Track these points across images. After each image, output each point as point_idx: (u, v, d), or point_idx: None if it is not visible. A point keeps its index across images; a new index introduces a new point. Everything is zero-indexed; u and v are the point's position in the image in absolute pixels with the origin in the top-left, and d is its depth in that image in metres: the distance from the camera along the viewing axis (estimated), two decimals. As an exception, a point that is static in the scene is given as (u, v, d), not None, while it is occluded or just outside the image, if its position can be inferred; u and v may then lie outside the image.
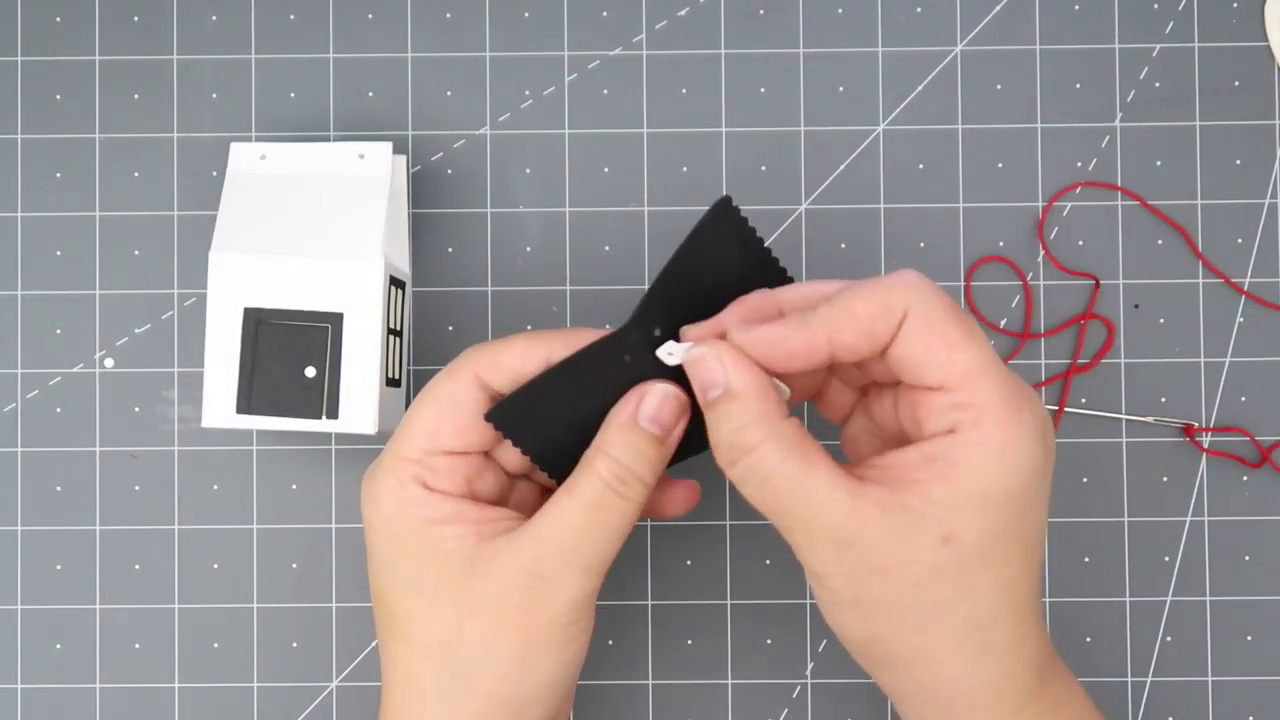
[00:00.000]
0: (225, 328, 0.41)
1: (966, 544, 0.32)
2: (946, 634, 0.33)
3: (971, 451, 0.32)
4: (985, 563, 0.32)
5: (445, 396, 0.36)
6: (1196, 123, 0.47)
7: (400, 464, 0.35)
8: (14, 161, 0.47)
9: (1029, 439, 0.32)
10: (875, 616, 0.34)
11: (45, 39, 0.47)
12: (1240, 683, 0.46)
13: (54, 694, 0.46)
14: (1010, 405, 0.32)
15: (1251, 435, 0.46)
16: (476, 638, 0.35)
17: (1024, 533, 0.33)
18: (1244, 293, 0.46)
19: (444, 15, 0.47)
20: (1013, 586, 0.33)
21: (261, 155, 0.43)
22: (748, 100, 0.47)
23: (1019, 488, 0.32)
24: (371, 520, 0.36)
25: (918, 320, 0.32)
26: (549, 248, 0.46)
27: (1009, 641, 0.34)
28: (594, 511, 0.34)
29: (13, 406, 0.46)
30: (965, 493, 0.32)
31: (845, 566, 0.33)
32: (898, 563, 0.32)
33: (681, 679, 0.46)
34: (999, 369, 0.32)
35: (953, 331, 0.32)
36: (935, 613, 0.33)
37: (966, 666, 0.34)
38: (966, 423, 0.32)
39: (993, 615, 0.33)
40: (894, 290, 0.32)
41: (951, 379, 0.32)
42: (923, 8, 0.47)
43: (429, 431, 0.35)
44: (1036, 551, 0.34)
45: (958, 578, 0.32)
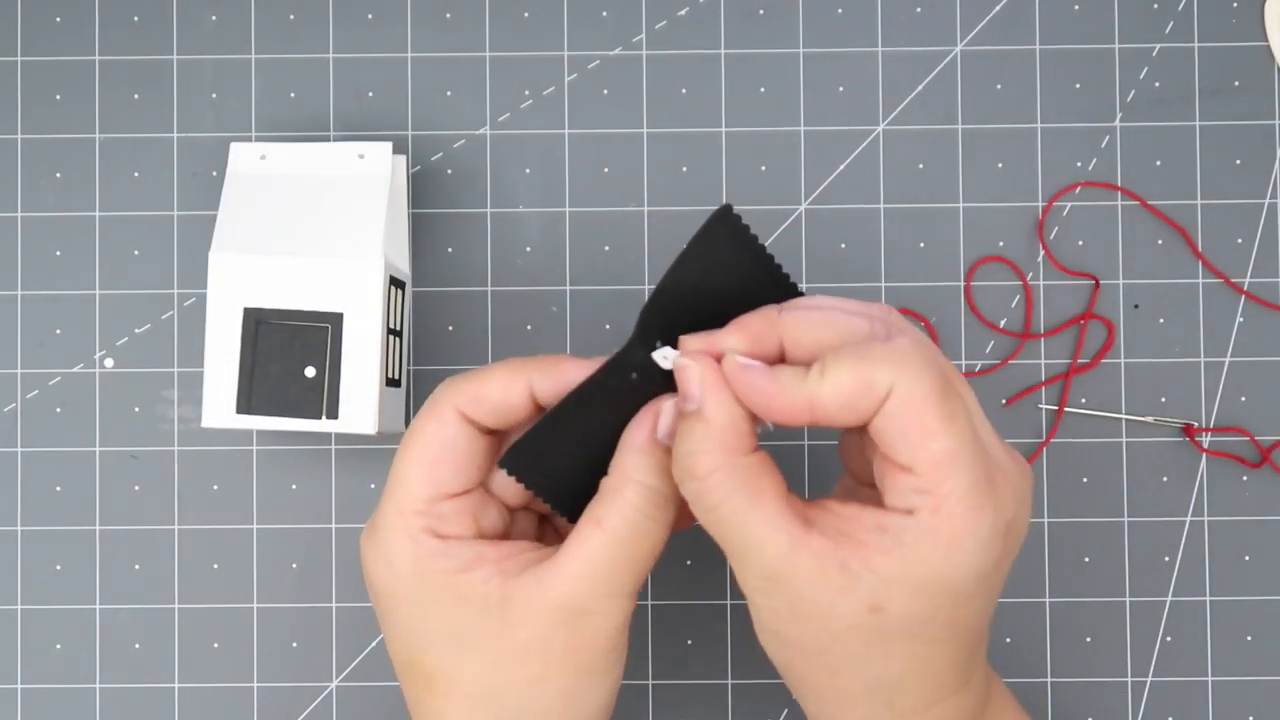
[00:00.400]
0: (225, 328, 0.41)
1: (894, 618, 0.32)
2: (857, 684, 0.33)
3: (921, 538, 0.31)
4: (908, 637, 0.32)
5: (435, 440, 0.35)
6: (1196, 123, 0.47)
7: (407, 519, 0.34)
8: (14, 161, 0.47)
9: (983, 542, 0.31)
10: (793, 652, 0.34)
11: (45, 39, 0.47)
12: (1240, 683, 0.46)
13: (54, 694, 0.46)
14: (971, 503, 0.31)
15: (1251, 435, 0.46)
16: (523, 681, 0.34)
17: (955, 620, 0.32)
18: (1244, 293, 0.46)
19: (444, 15, 0.47)
20: (932, 661, 0.33)
21: (261, 155, 0.43)
22: (748, 100, 0.47)
23: (957, 586, 0.32)
24: (386, 584, 0.35)
25: (899, 400, 0.31)
26: (549, 248, 0.46)
27: (917, 705, 0.34)
28: (628, 541, 0.34)
29: (13, 406, 0.46)
30: (905, 572, 0.31)
31: (770, 604, 0.33)
32: (821, 613, 0.32)
33: (681, 679, 0.46)
34: (972, 459, 0.31)
35: (932, 417, 0.31)
36: (849, 665, 0.33)
37: (870, 714, 0.34)
38: (925, 509, 0.31)
39: (904, 679, 0.33)
40: (881, 366, 0.31)
41: (920, 465, 0.31)
42: (923, 8, 0.47)
43: (428, 479, 0.34)
44: (969, 633, 0.33)
45: (877, 642, 0.32)
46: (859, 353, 0.32)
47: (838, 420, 0.32)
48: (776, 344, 0.33)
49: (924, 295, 0.46)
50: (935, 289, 0.46)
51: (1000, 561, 0.32)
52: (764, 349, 0.33)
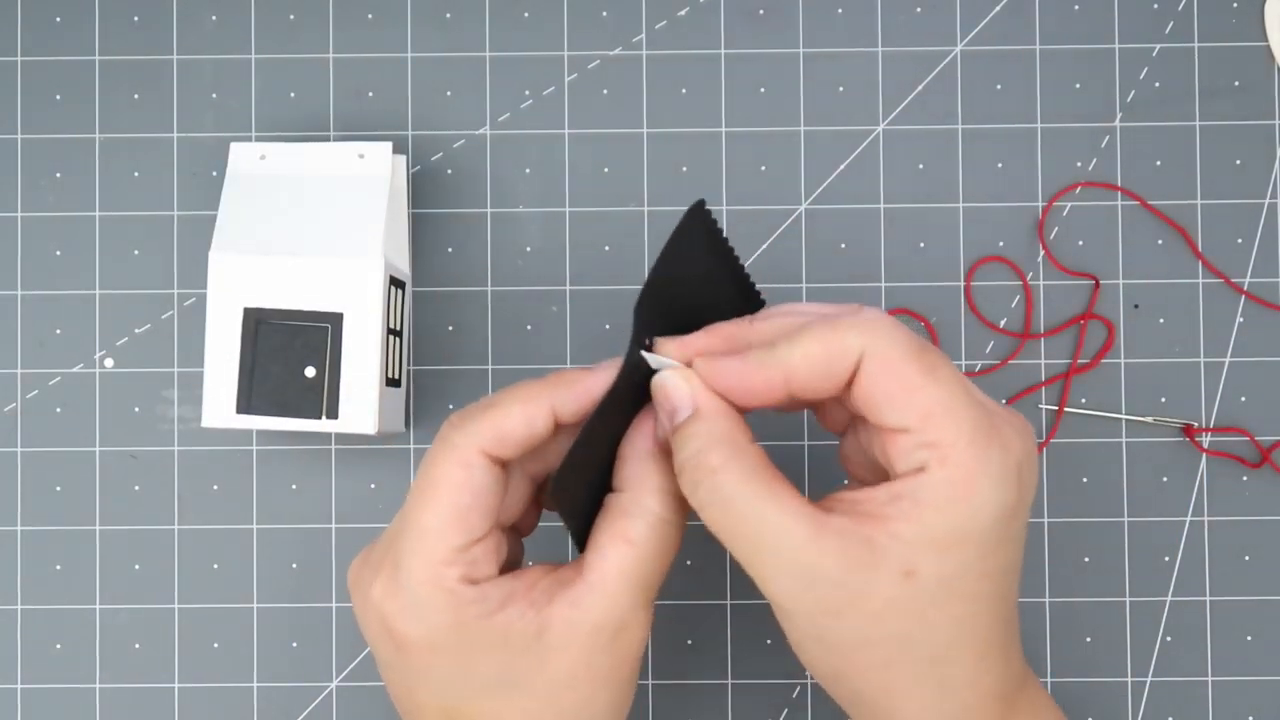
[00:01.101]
0: (225, 328, 0.41)
1: (927, 580, 0.32)
2: (907, 669, 0.33)
3: (937, 491, 0.31)
4: (946, 599, 0.32)
5: (465, 489, 0.33)
6: (1196, 123, 0.47)
7: (438, 570, 0.33)
8: (14, 161, 0.47)
9: (995, 480, 0.31)
10: (838, 653, 0.33)
11: (45, 39, 0.47)
12: (1240, 683, 0.46)
13: (54, 694, 0.46)
14: (977, 445, 0.31)
15: (1251, 435, 0.46)
16: (573, 707, 0.34)
17: (988, 571, 0.32)
18: (1244, 293, 0.46)
19: (444, 15, 0.47)
20: (976, 623, 0.33)
21: (261, 155, 0.43)
22: (748, 100, 0.47)
23: (983, 528, 0.32)
24: (418, 637, 0.33)
25: (875, 363, 0.32)
26: (549, 248, 0.46)
27: (970, 676, 0.33)
28: (657, 552, 0.33)
29: (13, 406, 0.46)
30: (928, 531, 0.31)
31: (805, 601, 0.32)
32: (857, 595, 0.32)
33: (681, 679, 0.46)
34: (968, 405, 0.32)
35: (911, 373, 0.31)
36: (895, 648, 0.33)
37: (927, 700, 0.33)
38: (933, 461, 0.31)
39: (950, 649, 0.33)
40: (850, 331, 0.32)
41: (913, 421, 0.32)
42: (923, 8, 0.47)
43: (460, 529, 0.33)
44: (1004, 585, 0.33)
45: (918, 613, 0.32)
46: (827, 322, 0.32)
47: (813, 389, 0.32)
48: (748, 346, 0.34)
49: (924, 295, 0.46)
50: (935, 289, 0.46)
51: (1020, 501, 0.32)
52: (737, 351, 0.34)
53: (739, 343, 0.34)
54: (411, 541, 0.33)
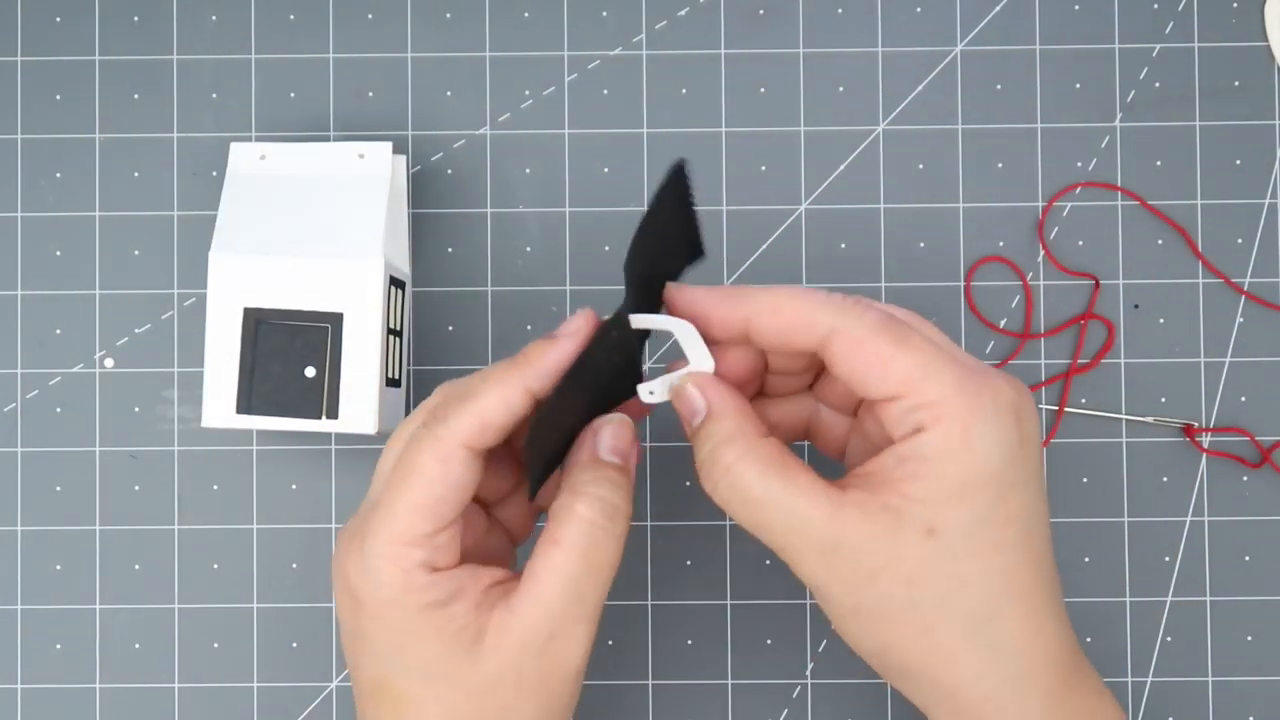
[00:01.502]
0: (225, 328, 0.41)
1: (951, 534, 0.32)
2: (952, 632, 0.33)
3: (938, 444, 0.32)
4: (973, 551, 0.32)
5: (441, 481, 0.33)
6: (1196, 123, 0.47)
7: (401, 550, 0.33)
8: (14, 161, 0.47)
9: (992, 422, 0.32)
10: (878, 624, 0.34)
11: (45, 39, 0.47)
12: (1240, 683, 0.46)
13: (54, 694, 0.46)
14: (967, 393, 0.32)
15: (1251, 435, 0.46)
16: (495, 711, 0.34)
17: (1011, 516, 0.33)
18: (1244, 293, 0.46)
19: (444, 15, 0.47)
20: (1013, 575, 0.33)
21: (261, 155, 0.43)
22: (748, 100, 0.47)
23: (993, 471, 0.32)
24: (369, 603, 0.34)
25: (845, 342, 0.33)
26: (549, 248, 0.46)
27: (1021, 636, 0.33)
28: (587, 556, 0.34)
29: (13, 406, 0.46)
30: (940, 484, 0.32)
31: (836, 575, 0.33)
32: (886, 562, 0.32)
33: (681, 679, 0.46)
34: (947, 363, 0.33)
35: (882, 345, 0.33)
36: (934, 610, 0.33)
37: (979, 666, 0.33)
38: (928, 420, 0.32)
39: (994, 607, 0.33)
40: (820, 307, 0.33)
41: (897, 388, 0.33)
42: (923, 8, 0.47)
43: (431, 517, 0.34)
44: (1033, 535, 0.33)
45: (949, 570, 0.32)
46: (803, 293, 0.34)
47: (769, 342, 0.34)
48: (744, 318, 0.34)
49: (924, 295, 0.46)
50: (935, 289, 0.46)
51: (1022, 443, 0.33)
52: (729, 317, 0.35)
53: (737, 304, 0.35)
54: (381, 520, 0.34)
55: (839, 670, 0.46)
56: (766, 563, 0.46)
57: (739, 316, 0.34)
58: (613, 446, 0.35)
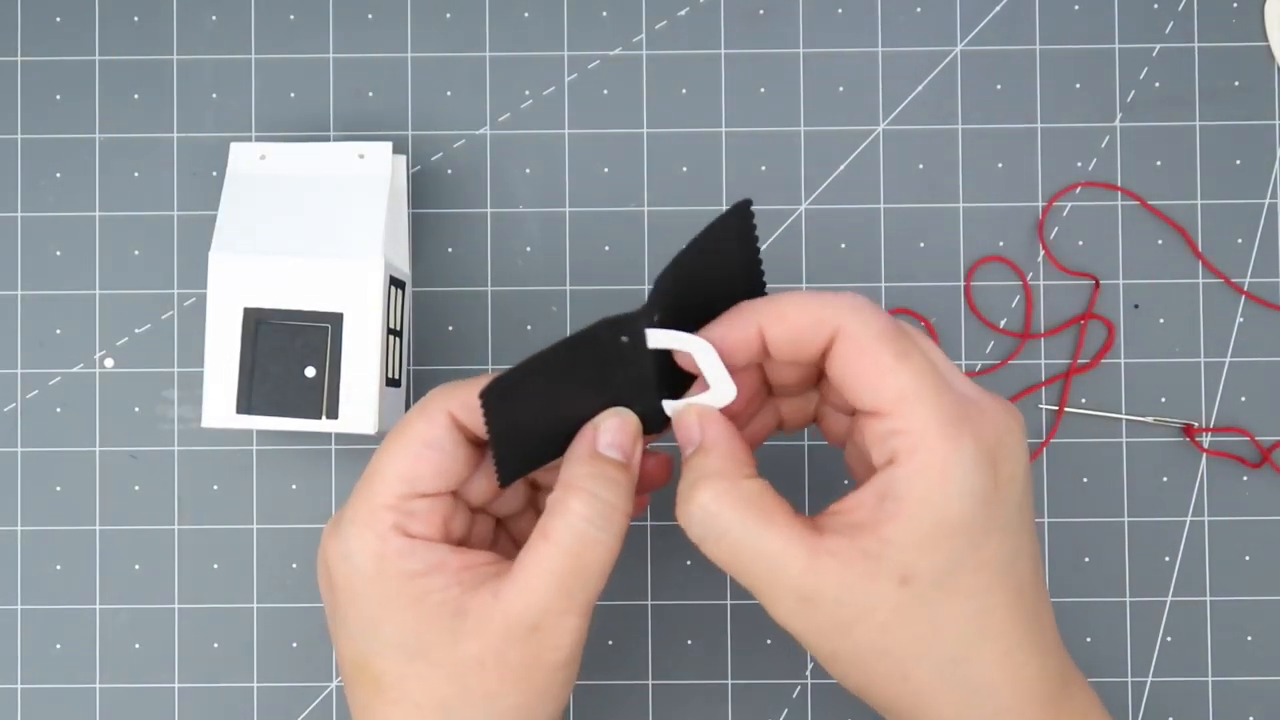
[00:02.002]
0: (225, 328, 0.41)
1: (923, 581, 0.32)
2: (927, 676, 0.33)
3: (914, 484, 0.31)
4: (946, 597, 0.32)
5: (419, 438, 0.34)
6: (1196, 123, 0.47)
7: (377, 514, 0.33)
8: (14, 161, 0.47)
9: (968, 466, 0.31)
10: (856, 670, 0.33)
11: (45, 39, 0.47)
12: (1240, 683, 0.46)
13: (54, 694, 0.46)
14: (947, 433, 0.31)
15: (1251, 435, 0.46)
16: (477, 696, 0.33)
17: (984, 561, 0.32)
18: (1244, 293, 0.46)
19: (444, 15, 0.47)
20: (987, 617, 0.32)
21: (261, 155, 0.43)
22: (748, 100, 0.47)
23: (965, 517, 0.31)
24: (343, 578, 0.34)
25: (850, 342, 0.32)
26: (549, 248, 0.46)
27: (997, 675, 0.33)
28: (577, 555, 0.33)
29: (13, 406, 0.46)
30: (915, 528, 0.31)
31: (812, 625, 0.33)
32: (861, 612, 0.32)
33: (681, 679, 0.46)
34: (938, 393, 0.32)
35: (885, 354, 0.32)
36: (908, 657, 0.32)
37: (956, 707, 0.33)
38: (903, 451, 0.32)
39: (968, 649, 0.33)
40: (828, 307, 0.33)
41: (884, 404, 0.32)
42: (923, 8, 0.47)
43: (405, 475, 0.34)
44: (1010, 576, 0.33)
45: (922, 617, 0.32)
46: (810, 294, 0.33)
47: (786, 351, 0.33)
48: (757, 330, 0.34)
49: (924, 295, 0.46)
50: (935, 289, 0.46)
51: (998, 489, 0.32)
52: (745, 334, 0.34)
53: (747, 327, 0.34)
54: (362, 483, 0.34)
55: (839, 670, 0.46)
56: (766, 563, 0.46)
57: (751, 332, 0.33)
58: (613, 441, 0.34)
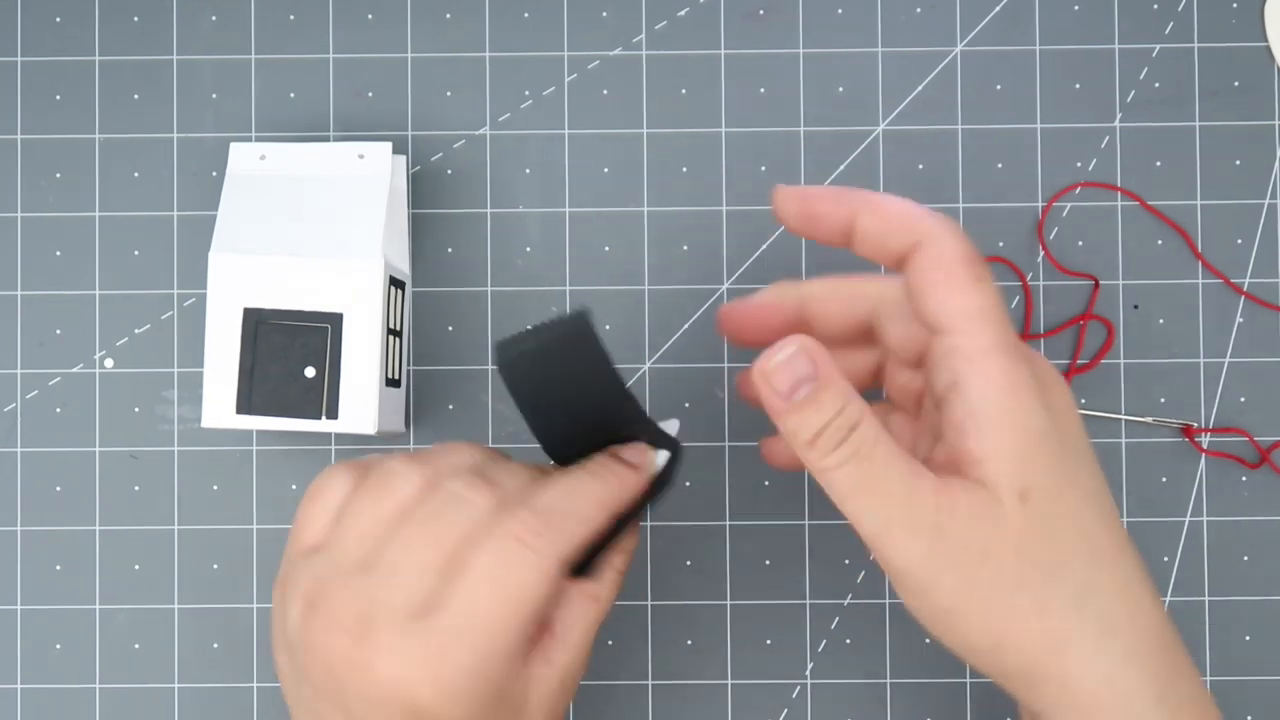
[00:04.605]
0: (225, 328, 0.41)
1: (1041, 495, 0.32)
2: (1064, 608, 0.32)
3: (987, 396, 0.32)
4: (1060, 515, 0.32)
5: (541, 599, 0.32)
6: (1196, 123, 0.47)
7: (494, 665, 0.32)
8: (14, 161, 0.47)
9: (1032, 389, 0.32)
10: (992, 613, 0.32)
11: (45, 39, 0.47)
12: (1239, 682, 0.46)
13: (54, 694, 0.46)
14: (1009, 355, 0.32)
15: (1251, 436, 0.46)
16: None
17: (1072, 477, 0.32)
18: (1243, 293, 0.46)
19: (444, 15, 0.47)
20: (1096, 540, 0.32)
21: (261, 155, 0.43)
22: (748, 100, 0.47)
23: (1043, 426, 0.32)
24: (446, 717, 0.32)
25: (931, 254, 0.33)
26: (549, 248, 0.46)
27: (1120, 609, 0.32)
28: (610, 602, 0.35)
29: (13, 406, 0.46)
30: (1008, 438, 0.32)
31: (948, 562, 0.32)
32: (995, 535, 0.32)
33: (681, 679, 0.46)
34: (1002, 319, 0.32)
35: (961, 274, 0.32)
36: (1044, 585, 0.32)
37: (1092, 646, 0.32)
38: (965, 369, 0.32)
39: (1091, 577, 0.32)
40: (920, 218, 0.33)
41: (953, 319, 0.32)
42: (923, 8, 0.47)
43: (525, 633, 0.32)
44: (1098, 501, 0.33)
45: (1049, 536, 0.32)
46: (907, 200, 0.34)
47: (871, 244, 0.34)
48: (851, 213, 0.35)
49: (924, 295, 0.46)
50: (935, 289, 0.46)
51: (1057, 415, 0.32)
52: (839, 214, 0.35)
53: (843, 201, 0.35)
54: (467, 632, 0.31)
55: (839, 670, 0.46)
56: (766, 563, 0.46)
57: (845, 212, 0.34)
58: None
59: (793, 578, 0.46)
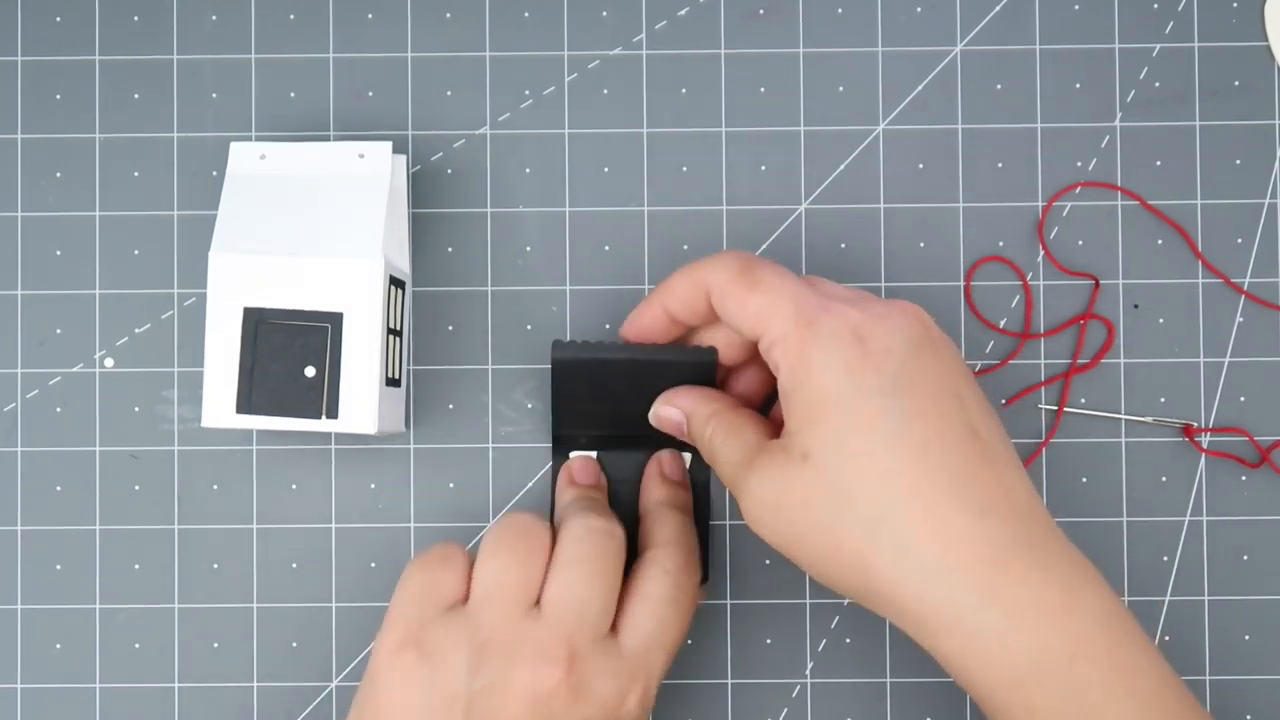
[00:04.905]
0: (225, 328, 0.41)
1: (821, 452, 0.36)
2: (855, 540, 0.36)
3: (787, 376, 0.37)
4: (846, 462, 0.35)
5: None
6: (1196, 123, 0.47)
7: None
8: (14, 161, 0.47)
9: (825, 344, 0.36)
10: (805, 550, 0.37)
11: (45, 39, 0.47)
12: (1238, 682, 0.46)
13: (54, 694, 0.46)
14: (800, 324, 0.36)
15: (1250, 435, 0.46)
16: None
17: (868, 424, 0.35)
18: (1244, 293, 0.46)
19: (444, 15, 0.47)
20: (893, 478, 0.35)
21: (261, 155, 0.43)
22: (748, 100, 0.47)
23: (832, 388, 0.36)
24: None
25: (715, 294, 0.39)
26: (549, 248, 0.46)
27: (921, 533, 0.35)
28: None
29: (13, 406, 0.46)
30: (797, 410, 0.36)
31: (757, 515, 0.38)
32: (782, 491, 0.37)
33: (682, 679, 0.46)
34: (792, 301, 0.37)
35: (738, 290, 0.38)
36: (838, 524, 0.36)
37: (892, 568, 0.35)
38: (779, 356, 0.37)
39: (885, 510, 0.35)
40: (699, 270, 0.39)
41: (753, 325, 0.38)
42: (923, 8, 0.47)
43: None
44: (906, 439, 0.35)
45: (833, 484, 0.36)
46: (690, 263, 0.40)
47: (687, 315, 0.40)
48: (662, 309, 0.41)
49: (924, 295, 0.46)
50: (935, 289, 0.46)
51: (869, 357, 0.36)
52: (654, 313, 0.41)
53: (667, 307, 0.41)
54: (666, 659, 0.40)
55: (839, 670, 0.46)
56: (766, 562, 0.46)
57: (658, 311, 0.41)
58: None
59: (793, 577, 0.46)
